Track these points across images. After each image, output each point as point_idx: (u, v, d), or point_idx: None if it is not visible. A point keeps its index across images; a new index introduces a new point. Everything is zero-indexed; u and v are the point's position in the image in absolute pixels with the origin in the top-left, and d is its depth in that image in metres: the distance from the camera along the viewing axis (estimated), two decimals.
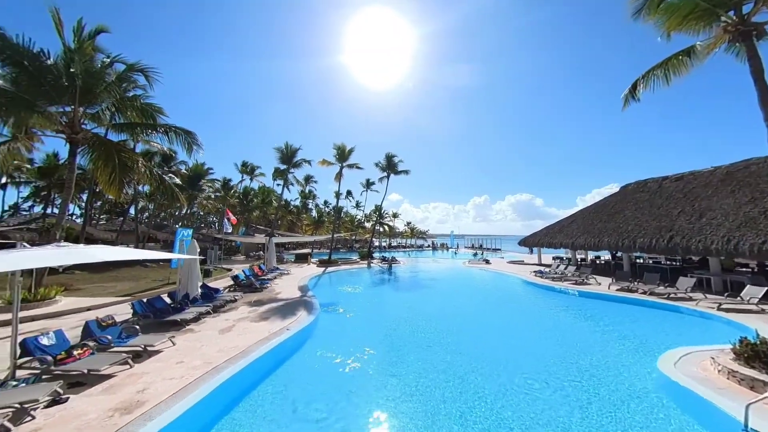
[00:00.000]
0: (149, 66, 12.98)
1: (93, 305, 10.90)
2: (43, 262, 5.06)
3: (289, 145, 30.12)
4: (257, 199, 45.93)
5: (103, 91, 12.07)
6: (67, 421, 4.14)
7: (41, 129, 12.78)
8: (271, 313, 10.09)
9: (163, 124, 13.85)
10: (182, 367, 5.82)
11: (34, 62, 10.95)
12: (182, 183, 31.40)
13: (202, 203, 40.47)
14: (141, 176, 14.59)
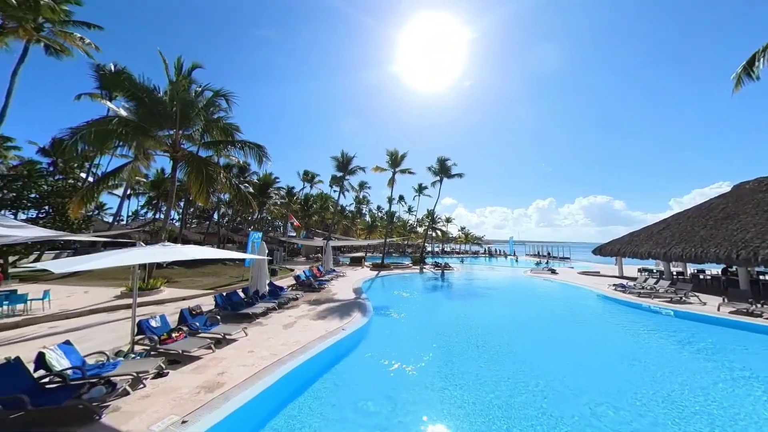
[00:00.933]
0: (229, 92, 15.23)
1: (186, 296, 12.94)
2: (153, 258, 6.25)
3: (344, 154, 31.75)
4: (316, 204, 49.33)
5: (196, 115, 14.42)
6: (167, 392, 4.98)
7: (153, 150, 15.80)
8: (328, 312, 10.69)
9: (240, 140, 15.90)
10: (253, 356, 6.53)
11: (149, 96, 13.63)
12: (254, 191, 35.42)
13: (270, 209, 44.94)
14: (222, 186, 16.94)
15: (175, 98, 13.73)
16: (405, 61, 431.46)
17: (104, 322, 9.15)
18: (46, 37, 17.77)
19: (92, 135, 12.31)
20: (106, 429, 3.99)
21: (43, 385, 4.45)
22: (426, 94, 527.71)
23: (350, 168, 32.46)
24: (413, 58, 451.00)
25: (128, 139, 13.55)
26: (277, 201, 45.81)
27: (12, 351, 6.32)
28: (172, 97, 13.86)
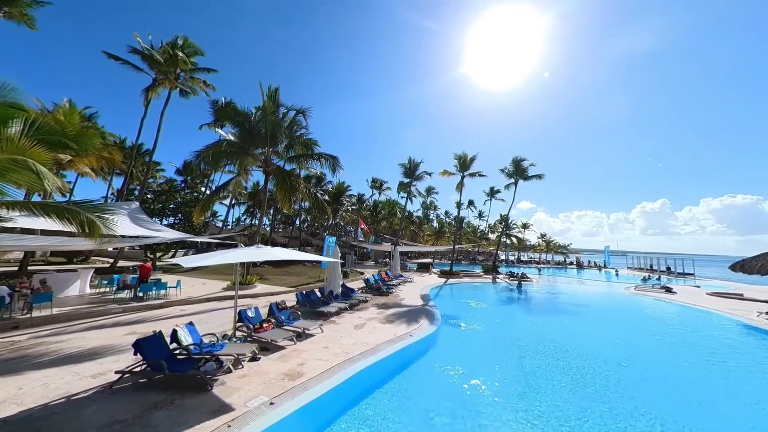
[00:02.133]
0: (306, 108, 17.30)
1: (274, 291, 14.77)
2: (250, 258, 7.37)
3: (411, 160, 32.06)
4: (384, 210, 50.93)
5: (281, 134, 16.55)
6: (259, 374, 5.72)
7: (251, 166, 18.71)
8: (395, 317, 10.82)
9: (317, 153, 17.59)
10: (327, 352, 7.02)
11: (247, 121, 16.23)
12: (329, 199, 38.57)
13: (342, 215, 48.17)
14: (303, 195, 18.95)
15: (266, 120, 16.06)
16: (474, 61, 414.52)
17: (215, 309, 11.11)
18: (182, 83, 22.89)
19: (209, 156, 15.29)
20: (215, 398, 4.79)
21: (175, 356, 5.62)
22: (497, 93, 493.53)
23: (417, 174, 32.57)
24: (483, 57, 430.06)
25: (233, 158, 16.37)
26: (349, 208, 48.86)
27: (156, 326, 8.17)
28: (263, 120, 16.23)
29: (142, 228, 11.71)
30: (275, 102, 16.92)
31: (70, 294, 11.85)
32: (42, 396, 4.74)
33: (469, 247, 57.76)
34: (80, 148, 9.47)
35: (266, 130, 16.07)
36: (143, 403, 4.58)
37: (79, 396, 4.79)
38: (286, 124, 17.11)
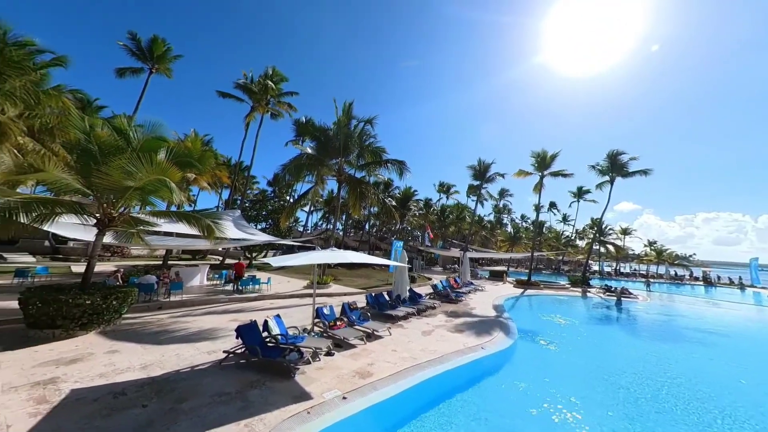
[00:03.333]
0: (372, 116, 18.13)
1: (347, 292, 15.71)
2: (325, 259, 8.04)
3: (481, 162, 30.44)
4: (452, 215, 49.33)
5: (353, 144, 17.67)
6: (333, 369, 6.13)
7: (326, 175, 20.45)
8: (465, 326, 10.30)
9: (385, 159, 18.20)
10: (395, 355, 7.09)
11: (324, 135, 17.85)
12: (396, 204, 39.35)
13: (409, 220, 48.55)
14: (372, 200, 19.79)
15: (339, 133, 17.40)
16: (553, 48, 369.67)
17: (297, 305, 12.39)
18: (271, 107, 26.62)
19: (292, 169, 17.30)
20: (297, 386, 5.31)
21: (266, 343, 6.45)
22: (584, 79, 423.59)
23: (488, 176, 30.73)
24: (565, 41, 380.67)
25: (311, 169, 18.17)
26: (416, 212, 48.93)
27: (252, 316, 9.53)
28: (337, 132, 17.60)
29: (243, 232, 13.91)
30: (348, 115, 18.21)
31: (194, 284, 14.79)
32: (175, 364, 6.00)
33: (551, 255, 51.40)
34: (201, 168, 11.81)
35: (339, 142, 17.40)
36: (243, 381, 5.39)
37: (199, 367, 5.91)
38: (357, 134, 18.23)
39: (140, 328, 8.34)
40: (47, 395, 4.62)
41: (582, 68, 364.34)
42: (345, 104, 18.06)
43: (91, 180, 7.36)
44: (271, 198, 31.82)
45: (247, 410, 4.49)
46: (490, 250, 51.55)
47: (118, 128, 8.43)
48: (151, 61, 23.81)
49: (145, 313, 9.79)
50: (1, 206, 6.74)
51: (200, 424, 4.12)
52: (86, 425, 3.95)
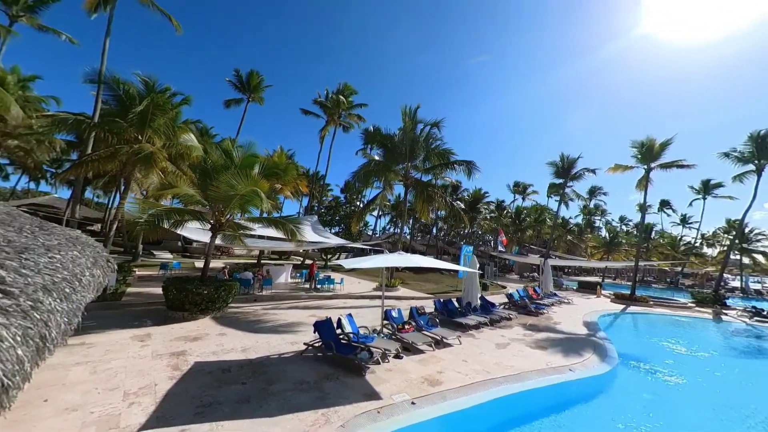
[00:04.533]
0: (439, 120, 17.80)
1: (414, 296, 15.69)
2: (394, 263, 8.21)
3: (565, 157, 26.96)
4: (530, 217, 44.75)
5: (419, 148, 17.68)
6: (401, 372, 6.16)
7: (393, 181, 20.95)
8: (548, 343, 9.15)
9: (452, 161, 17.68)
10: (466, 366, 6.74)
11: (390, 142, 18.35)
12: (465, 207, 37.73)
13: (479, 223, 45.96)
14: (439, 204, 19.40)
15: (405, 138, 17.65)
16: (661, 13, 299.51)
17: (367, 306, 12.92)
18: (343, 120, 28.73)
19: (361, 175, 18.25)
20: (367, 384, 5.51)
21: (339, 340, 6.90)
22: (703, 46, 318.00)
23: (574, 173, 26.99)
24: (679, 4, 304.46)
25: (379, 175, 18.84)
26: (487, 215, 46.06)
27: (327, 313, 10.31)
28: (403, 138, 17.88)
29: (319, 235, 15.27)
30: (413, 120, 18.37)
31: (280, 281, 16.83)
32: (266, 350, 6.90)
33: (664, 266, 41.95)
34: (285, 179, 13.43)
35: (405, 147, 17.65)
36: (319, 372, 5.86)
37: (284, 355, 6.67)
38: (422, 138, 18.20)
39: (241, 316, 9.86)
40: (179, 364, 5.85)
41: (696, 35, 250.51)
42: (409, 109, 18.25)
43: (207, 192, 9.11)
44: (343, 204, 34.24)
45: (324, 401, 4.86)
46: (578, 257, 44.89)
47: (225, 150, 10.26)
48: (249, 92, 28.37)
49: (243, 304, 11.54)
50: (152, 215, 8.92)
51: (286, 406, 4.63)
52: (204, 392, 4.85)
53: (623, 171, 23.63)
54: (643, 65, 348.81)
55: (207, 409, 4.42)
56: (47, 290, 2.57)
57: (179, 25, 18.70)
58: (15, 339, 1.86)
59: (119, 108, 13.84)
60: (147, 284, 13.10)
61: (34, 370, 2.24)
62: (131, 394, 4.70)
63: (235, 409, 4.48)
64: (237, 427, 4.06)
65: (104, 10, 16.44)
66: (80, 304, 3.16)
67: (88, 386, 4.83)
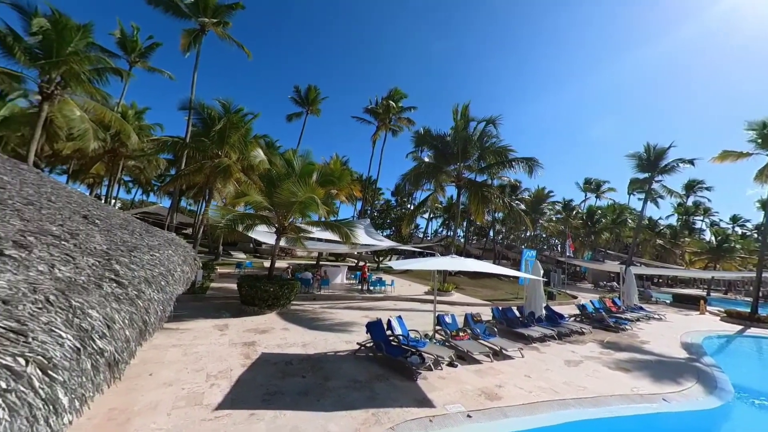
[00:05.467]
0: (495, 116, 16.64)
1: (469, 302, 14.97)
2: (445, 266, 7.96)
3: (651, 147, 23.09)
4: (606, 218, 39.20)
5: (472, 147, 16.93)
6: (456, 382, 5.89)
7: (445, 182, 20.43)
8: (632, 365, 7.83)
9: (510, 159, 16.51)
10: (529, 382, 6.13)
11: (441, 142, 17.96)
12: (526, 208, 34.81)
13: (543, 225, 41.94)
14: (496, 205, 18.27)
15: (457, 138, 17.08)
16: None
17: (417, 309, 12.74)
18: (393, 125, 29.14)
19: (411, 178, 18.20)
20: (419, 390, 5.40)
21: (390, 341, 6.91)
22: None
23: (663, 165, 22.93)
24: None
25: (430, 177, 18.58)
26: (552, 216, 41.82)
27: (378, 314, 10.44)
28: (455, 138, 17.32)
29: (371, 238, 15.63)
30: (465, 118, 17.70)
31: (336, 282, 17.67)
32: (323, 347, 7.27)
33: None
34: (340, 184, 14.10)
35: (457, 147, 17.08)
36: (371, 372, 5.95)
37: (339, 353, 6.94)
38: (476, 136, 17.39)
39: (301, 313, 10.60)
40: (249, 353, 6.52)
41: None
42: (461, 107, 17.63)
43: (272, 199, 10.06)
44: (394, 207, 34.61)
45: (374, 401, 4.90)
46: (672, 265, 37.73)
47: (287, 159, 11.22)
48: (308, 105, 30.71)
49: (304, 302, 12.39)
50: (229, 219, 10.19)
51: (340, 403, 4.80)
52: (269, 381, 5.31)
53: (735, 159, 19.17)
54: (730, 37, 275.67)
55: (272, 397, 4.82)
56: (148, 282, 3.08)
57: (249, 52, 21.19)
58: (124, 322, 2.25)
59: (204, 129, 16.24)
60: (226, 280, 14.98)
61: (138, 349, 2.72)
62: (212, 376, 5.38)
63: (295, 400, 4.79)
64: (297, 417, 4.34)
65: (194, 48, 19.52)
66: (172, 295, 3.72)
67: (180, 366, 5.69)
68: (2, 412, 1.04)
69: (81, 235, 2.80)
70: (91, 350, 1.69)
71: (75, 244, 2.48)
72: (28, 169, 4.35)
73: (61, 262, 2.05)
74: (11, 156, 14.65)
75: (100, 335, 1.84)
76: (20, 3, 10.81)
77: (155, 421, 4.04)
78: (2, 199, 2.54)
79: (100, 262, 2.53)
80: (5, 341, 1.19)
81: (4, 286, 1.45)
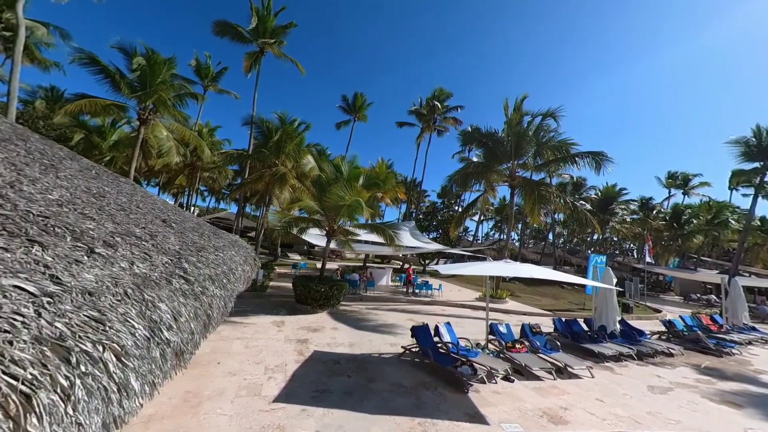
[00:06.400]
0: (556, 109, 15.01)
1: (526, 311, 13.77)
2: (498, 272, 7.40)
3: (762, 130, 18.84)
4: (697, 219, 32.94)
5: (527, 143, 15.65)
6: (513, 399, 5.38)
7: (496, 182, 19.24)
8: (744, 399, 6.31)
9: (572, 154, 14.86)
10: (603, 408, 5.32)
11: (491, 140, 16.96)
12: (592, 208, 31.04)
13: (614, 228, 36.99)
14: (556, 205, 16.58)
15: (509, 134, 15.96)
16: None
17: (468, 316, 12.11)
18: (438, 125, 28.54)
19: (459, 179, 17.51)
20: (470, 403, 5.05)
21: (438, 348, 6.63)
22: None
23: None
24: None
25: (479, 177, 17.66)
26: (626, 217, 36.61)
27: (424, 318, 10.15)
28: (507, 134, 16.21)
29: (417, 240, 15.40)
30: (520, 112, 16.49)
31: (381, 284, 17.79)
32: (368, 348, 7.30)
33: None
34: (386, 187, 14.21)
35: (511, 143, 15.95)
36: (416, 378, 5.76)
37: (383, 356, 6.89)
38: (532, 131, 16.04)
39: (349, 313, 10.85)
40: (302, 350, 6.83)
41: None
42: (516, 100, 16.45)
43: (322, 203, 10.53)
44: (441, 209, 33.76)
45: (420, 409, 4.71)
46: None
47: (336, 165, 11.67)
48: (355, 112, 31.80)
49: (351, 303, 12.68)
50: (284, 222, 10.94)
51: (384, 406, 4.71)
52: (319, 378, 5.47)
53: None
54: None
55: (321, 394, 4.95)
56: (212, 280, 3.37)
57: (303, 69, 22.73)
58: (189, 315, 2.46)
59: (264, 140, 17.80)
60: (283, 280, 16.13)
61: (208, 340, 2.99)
62: (270, 369, 5.74)
63: (342, 399, 4.85)
64: (343, 416, 4.37)
65: (255, 68, 21.64)
66: (233, 292, 4.04)
67: (242, 357, 6.20)
68: (81, 392, 1.15)
69: (159, 237, 3.19)
70: (159, 340, 1.86)
71: (153, 244, 2.83)
72: (125, 181, 5.17)
73: (139, 260, 2.34)
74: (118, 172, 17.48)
75: (168, 327, 2.02)
76: (124, 45, 13.09)
77: (221, 407, 4.43)
78: (102, 206, 3.02)
79: (172, 261, 2.83)
80: (88, 329, 1.34)
81: (92, 280, 1.67)
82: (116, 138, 20.36)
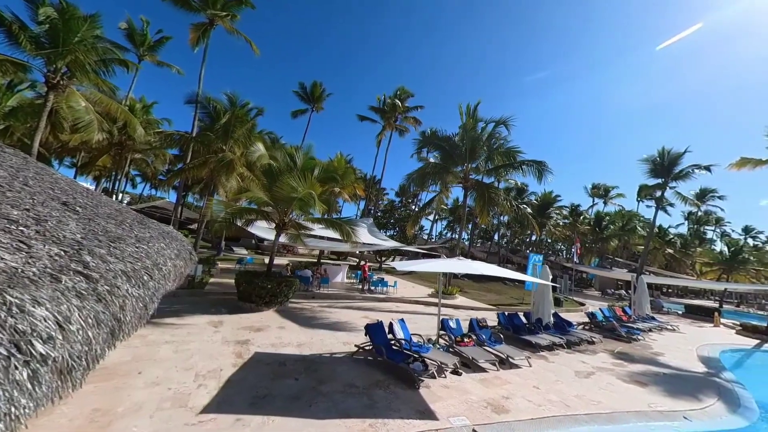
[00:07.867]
0: (507, 118, 16.03)
1: (474, 306, 14.56)
2: (451, 269, 7.59)
3: (665, 152, 22.43)
4: (614, 225, 38.37)
5: (480, 147, 16.50)
6: (460, 391, 5.53)
7: (451, 183, 20.00)
8: (648, 378, 7.39)
9: (519, 161, 16.04)
10: (538, 395, 5.75)
11: (447, 143, 17.55)
12: (532, 212, 34.18)
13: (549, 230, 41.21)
14: (503, 207, 17.80)
15: (464, 138, 16.67)
16: None
17: (421, 312, 12.38)
18: (398, 124, 28.79)
19: (417, 179, 17.82)
20: (421, 399, 5.05)
21: (391, 345, 6.58)
22: None
23: (677, 171, 22.25)
24: None
25: (435, 178, 18.17)
26: (559, 221, 41.06)
27: (379, 316, 10.11)
28: (462, 137, 16.91)
29: (374, 238, 15.30)
30: (474, 118, 17.28)
31: (336, 281, 17.37)
32: (319, 347, 6.96)
33: None
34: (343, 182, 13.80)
35: (465, 147, 16.66)
36: (370, 377, 5.62)
37: (336, 355, 6.62)
38: (485, 137, 16.96)
39: (299, 311, 10.32)
40: (242, 352, 6.23)
41: None
42: (468, 107, 17.21)
43: (272, 194, 9.80)
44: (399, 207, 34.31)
45: (372, 409, 4.57)
46: (682, 275, 36.82)
47: (290, 154, 10.96)
48: (312, 102, 30.52)
49: (302, 300, 12.11)
50: (228, 213, 9.95)
51: (333, 409, 4.48)
52: (260, 383, 5.01)
53: (754, 167, 18.43)
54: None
55: (261, 400, 4.52)
56: (127, 276, 2.78)
57: (258, 49, 21.02)
58: (86, 321, 1.95)
59: (210, 123, 16.07)
60: (226, 276, 14.78)
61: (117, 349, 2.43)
62: (201, 375, 5.10)
63: (286, 404, 4.49)
64: (286, 424, 4.03)
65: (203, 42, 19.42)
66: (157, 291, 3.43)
67: (170, 364, 5.42)
68: None
69: (50, 222, 2.52)
70: (28, 357, 1.40)
71: (37, 231, 2.21)
72: (13, 153, 4.11)
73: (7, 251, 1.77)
74: (16, 146, 14.45)
75: (45, 338, 1.54)
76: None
77: (137, 424, 3.77)
78: None
79: (67, 252, 2.25)
80: None
81: None
82: (14, 104, 16.68)
